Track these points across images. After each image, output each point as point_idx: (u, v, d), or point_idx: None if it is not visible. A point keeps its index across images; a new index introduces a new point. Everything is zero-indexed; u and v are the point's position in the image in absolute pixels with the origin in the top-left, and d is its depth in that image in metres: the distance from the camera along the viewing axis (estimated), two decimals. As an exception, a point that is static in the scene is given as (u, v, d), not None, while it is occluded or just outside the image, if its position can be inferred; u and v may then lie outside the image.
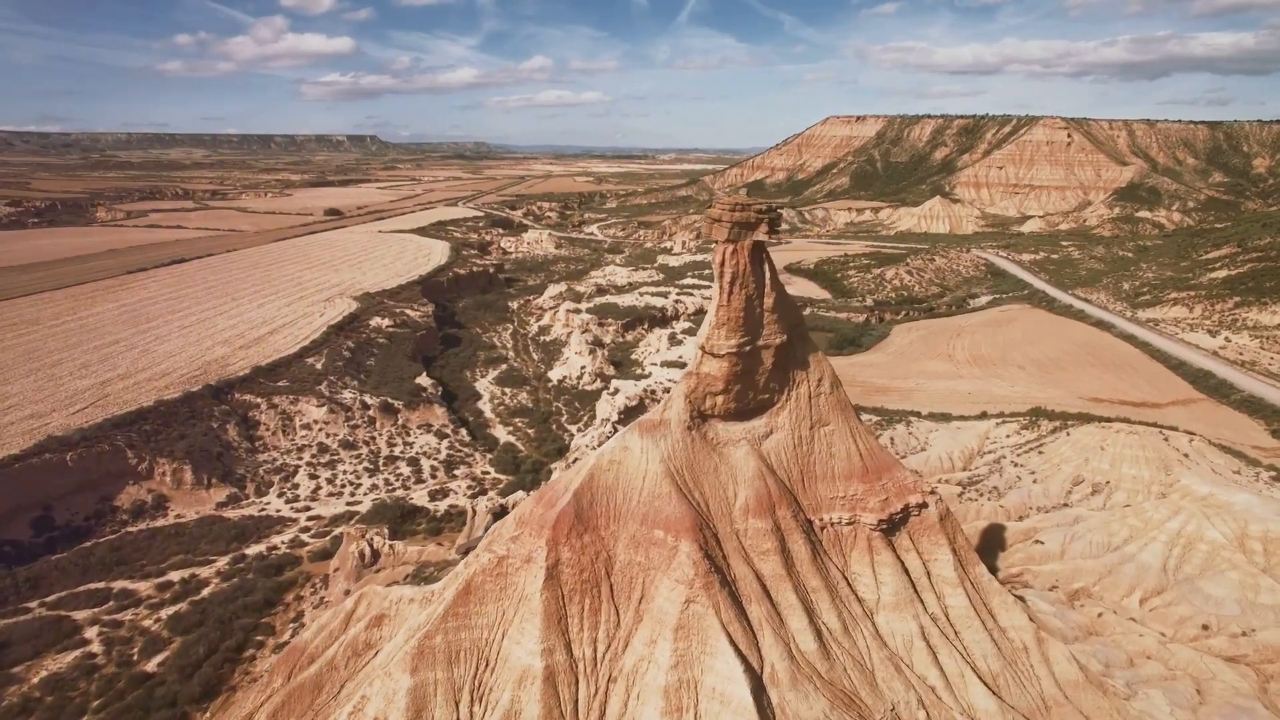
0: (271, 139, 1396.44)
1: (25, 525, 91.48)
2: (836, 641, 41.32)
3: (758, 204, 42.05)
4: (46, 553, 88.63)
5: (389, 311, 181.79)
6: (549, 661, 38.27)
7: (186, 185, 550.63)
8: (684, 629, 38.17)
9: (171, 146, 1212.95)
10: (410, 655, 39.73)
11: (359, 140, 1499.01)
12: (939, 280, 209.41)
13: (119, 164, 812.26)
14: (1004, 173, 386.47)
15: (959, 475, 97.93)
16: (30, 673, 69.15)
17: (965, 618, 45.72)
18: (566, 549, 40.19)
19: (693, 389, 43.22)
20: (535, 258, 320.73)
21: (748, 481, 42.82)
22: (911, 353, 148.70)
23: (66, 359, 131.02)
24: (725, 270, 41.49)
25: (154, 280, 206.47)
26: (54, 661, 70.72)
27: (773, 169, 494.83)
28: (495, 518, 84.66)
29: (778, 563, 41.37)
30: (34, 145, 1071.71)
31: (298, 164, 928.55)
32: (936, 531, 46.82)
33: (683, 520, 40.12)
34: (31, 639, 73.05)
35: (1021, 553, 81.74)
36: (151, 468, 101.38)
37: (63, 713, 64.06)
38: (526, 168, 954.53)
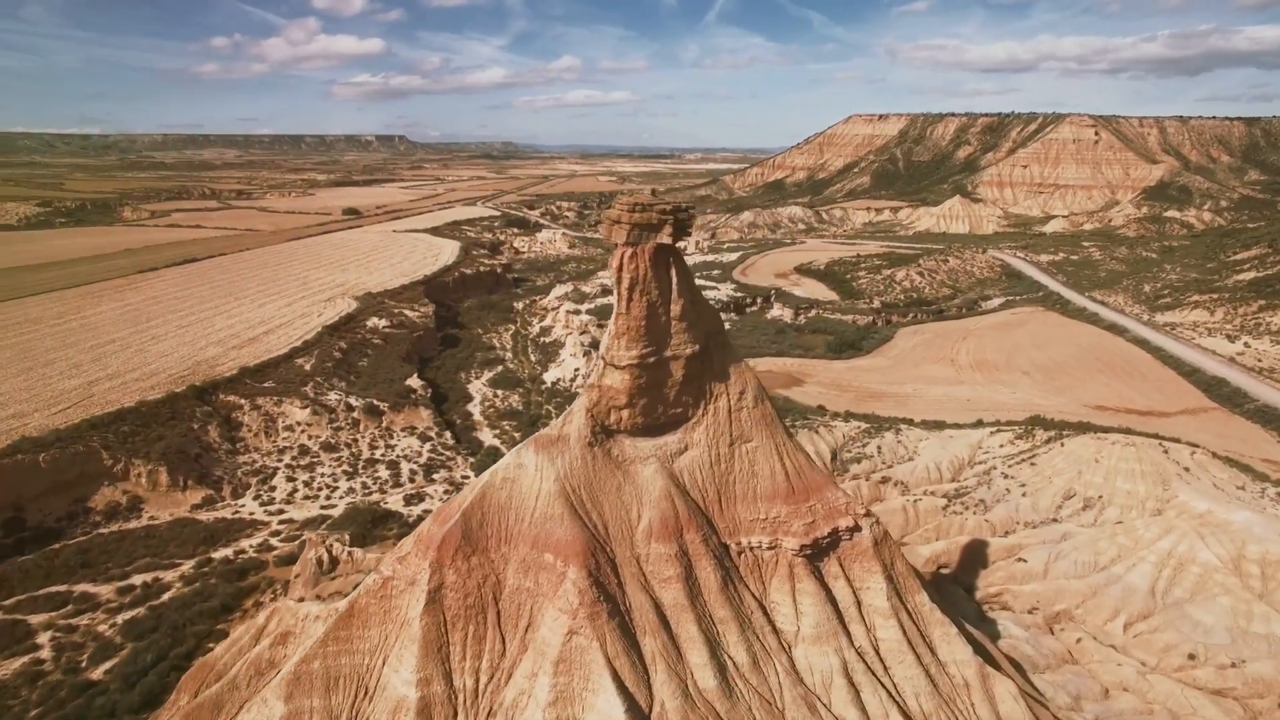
0: (302, 139, 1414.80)
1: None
2: (743, 678, 38.30)
3: (661, 204, 39.14)
4: (15, 554, 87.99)
5: (387, 312, 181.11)
6: (425, 692, 35.83)
7: (214, 185, 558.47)
8: (565, 662, 35.46)
9: (205, 147, 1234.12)
10: (286, 681, 37.55)
11: (388, 140, 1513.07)
12: (951, 282, 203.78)
13: (153, 164, 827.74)
14: (1028, 172, 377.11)
15: (946, 487, 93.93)
16: None
17: (897, 651, 42.40)
18: (451, 572, 37.71)
19: (595, 402, 40.47)
20: (547, 257, 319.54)
21: (653, 502, 39.99)
22: (913, 357, 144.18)
23: (60, 358, 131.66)
24: (623, 276, 38.67)
25: (162, 280, 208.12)
26: (2, 667, 69.67)
27: (793, 168, 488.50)
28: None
29: (680, 591, 38.45)
30: (74, 147, 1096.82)
31: (326, 164, 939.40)
32: (870, 557, 43.55)
33: (573, 544, 37.42)
34: (-14, 644, 72.16)
35: (1003, 571, 77.79)
36: (127, 469, 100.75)
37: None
38: (551, 167, 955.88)
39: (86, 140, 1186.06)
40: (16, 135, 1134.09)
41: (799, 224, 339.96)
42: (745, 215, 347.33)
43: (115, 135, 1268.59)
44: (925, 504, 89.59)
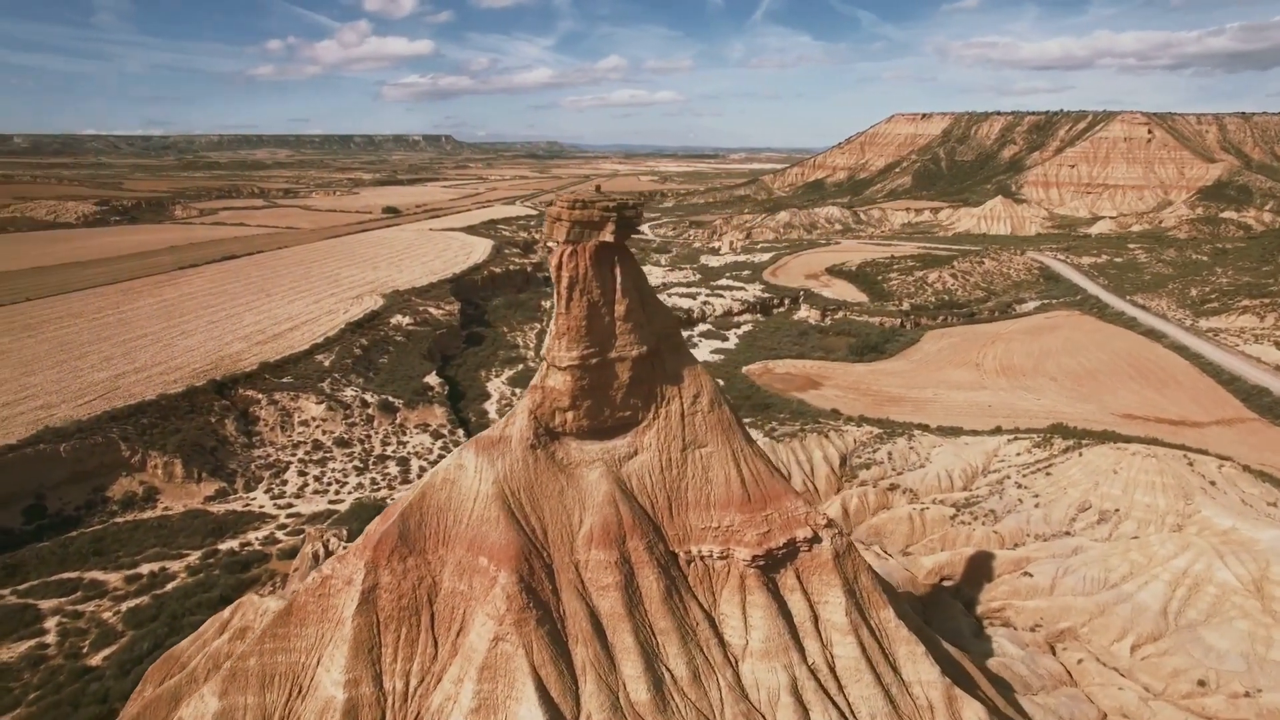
0: (351, 139, 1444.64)
1: (17, 513, 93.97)
2: (681, 692, 37.04)
3: (604, 201, 38.05)
4: (34, 540, 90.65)
5: (412, 310, 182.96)
6: (353, 693, 35.39)
7: (263, 184, 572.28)
8: (490, 669, 34.65)
9: (259, 147, 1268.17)
10: (222, 677, 37.50)
11: (434, 140, 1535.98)
12: (985, 284, 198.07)
13: (208, 164, 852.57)
14: (1075, 171, 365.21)
15: (957, 496, 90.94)
16: None
17: (854, 670, 40.64)
18: (387, 572, 37.22)
19: (537, 404, 39.60)
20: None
21: (596, 507, 38.96)
22: (937, 361, 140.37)
23: (93, 352, 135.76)
24: (563, 275, 37.73)
25: (200, 276, 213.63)
26: (7, 650, 71.54)
27: (834, 168, 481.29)
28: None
29: (618, 600, 37.34)
30: (137, 148, 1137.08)
31: (373, 163, 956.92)
32: (829, 570, 41.86)
33: (506, 548, 36.61)
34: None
35: (1007, 585, 74.89)
36: (144, 460, 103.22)
37: (-3, 703, 64.30)
38: (594, 167, 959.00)
39: (148, 141, 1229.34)
40: (86, 137, 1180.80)
41: (836, 224, 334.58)
42: (781, 215, 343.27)
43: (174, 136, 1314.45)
44: (933, 513, 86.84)
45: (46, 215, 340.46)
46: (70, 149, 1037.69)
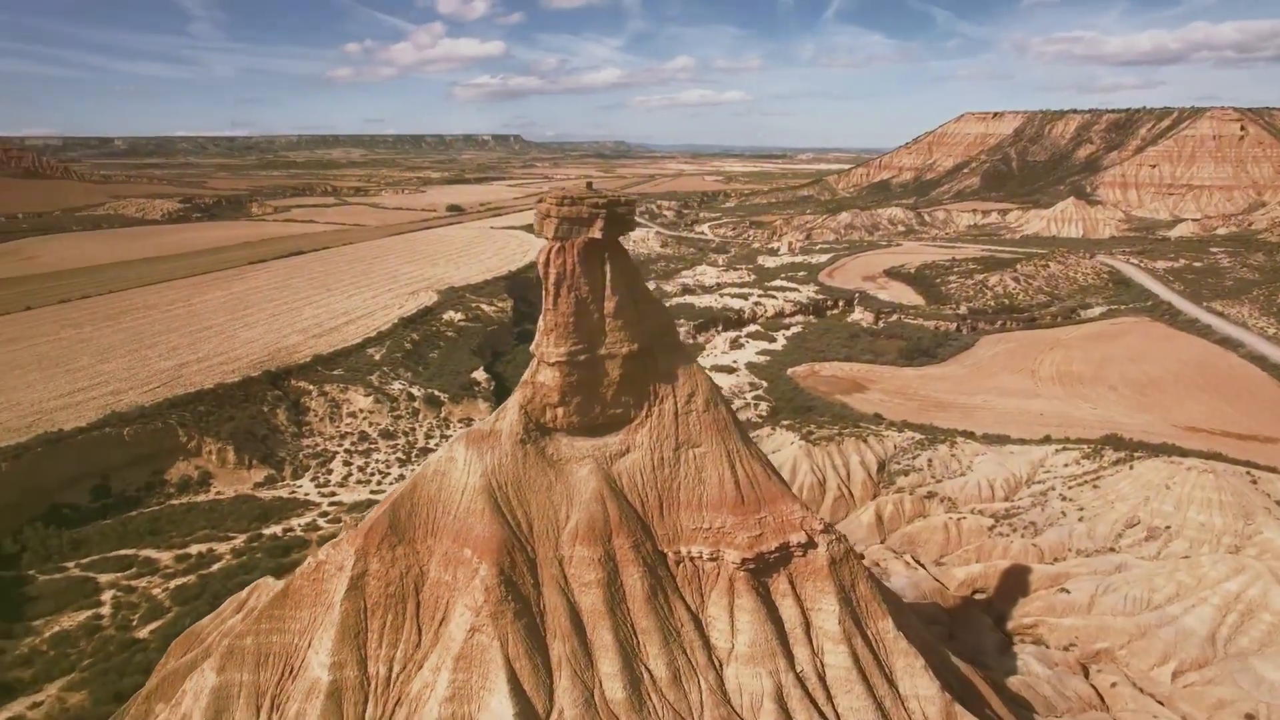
0: (423, 139, 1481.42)
1: (85, 492, 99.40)
2: (660, 692, 36.76)
3: (593, 198, 38.00)
4: (99, 518, 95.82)
5: (465, 306, 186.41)
6: (337, 676, 36.27)
7: (335, 183, 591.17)
8: (466, 659, 35.03)
9: (334, 147, 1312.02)
10: (221, 653, 38.92)
11: (503, 139, 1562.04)
12: (1049, 288, 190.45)
13: (286, 164, 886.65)
14: (1157, 171, 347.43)
15: (997, 506, 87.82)
16: (46, 627, 74.50)
17: (845, 680, 39.62)
18: (376, 560, 38.02)
19: (528, 399, 39.83)
20: (638, 255, 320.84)
21: (583, 504, 38.98)
22: (991, 367, 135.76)
23: (162, 342, 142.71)
24: (550, 271, 37.81)
25: (267, 271, 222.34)
26: (68, 619, 75.75)
27: (900, 168, 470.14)
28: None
29: (600, 597, 37.29)
30: (222, 148, 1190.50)
31: (443, 162, 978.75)
32: (824, 577, 40.90)
33: (489, 541, 36.96)
34: (57, 596, 78.86)
35: (1042, 601, 71.98)
36: (200, 446, 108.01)
37: (56, 667, 68.29)
38: (660, 166, 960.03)
39: (232, 142, 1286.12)
40: (176, 139, 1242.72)
41: (898, 226, 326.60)
42: (843, 216, 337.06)
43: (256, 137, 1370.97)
44: (969, 523, 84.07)
45: (136, 212, 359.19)
46: (163, 150, 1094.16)
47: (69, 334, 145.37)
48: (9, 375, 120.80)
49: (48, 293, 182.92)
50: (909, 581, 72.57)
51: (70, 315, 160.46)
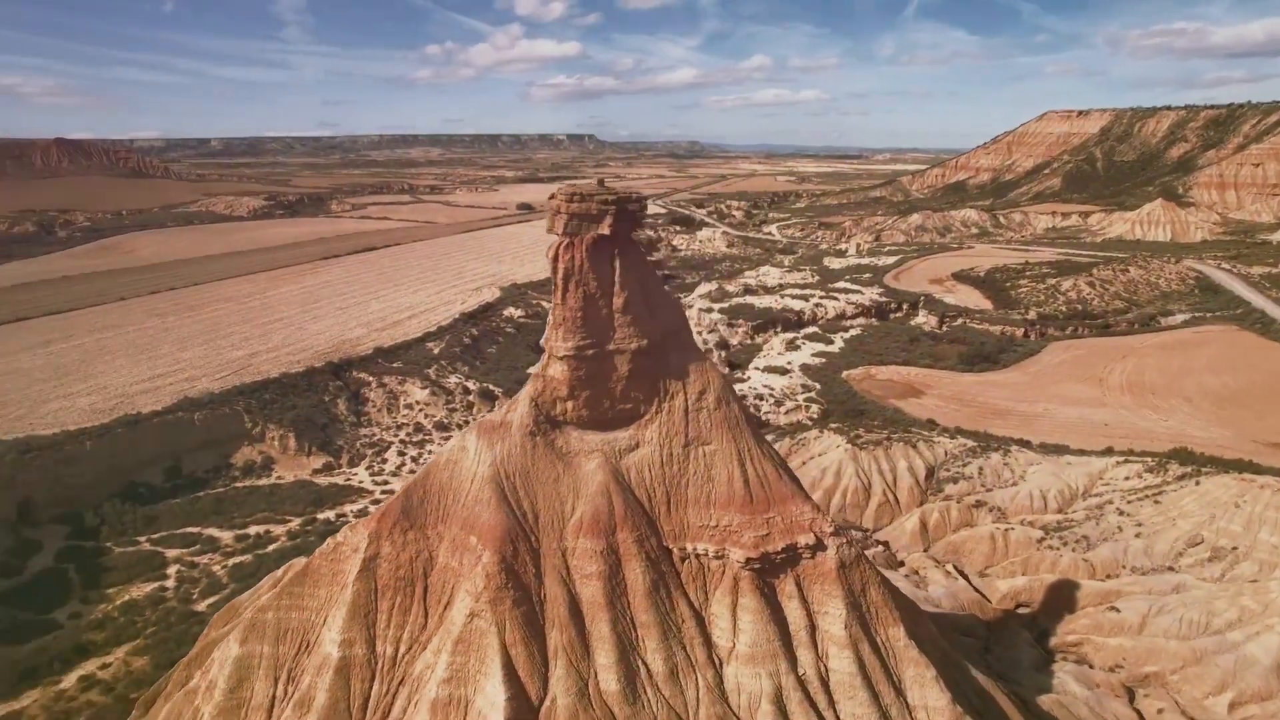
0: (499, 138, 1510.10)
1: (159, 472, 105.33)
2: (655, 687, 36.94)
3: (602, 195, 38.39)
4: (171, 497, 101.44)
5: (526, 302, 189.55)
6: (346, 653, 37.74)
7: (412, 181, 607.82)
8: (464, 643, 35.95)
9: (414, 146, 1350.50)
10: (243, 626, 40.96)
11: (578, 139, 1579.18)
12: (1127, 294, 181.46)
13: (366, 162, 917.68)
14: (1260, 171, 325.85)
15: (1049, 518, 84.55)
16: (118, 595, 79.53)
17: (849, 685, 39.01)
18: (387, 544, 39.38)
19: (539, 391, 40.53)
20: (704, 255, 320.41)
21: (589, 497, 39.48)
22: (1056, 374, 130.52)
23: (236, 332, 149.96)
24: (559, 266, 38.42)
25: (339, 266, 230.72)
26: (137, 589, 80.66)
27: (977, 169, 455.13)
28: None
29: (600, 589, 37.70)
30: (309, 148, 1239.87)
31: (518, 161, 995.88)
32: (831, 580, 40.34)
33: (494, 529, 37.81)
34: (129, 568, 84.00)
35: (1089, 618, 69.05)
36: (264, 432, 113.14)
37: (124, 633, 72.84)
38: (733, 167, 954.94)
39: (318, 141, 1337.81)
40: (266, 139, 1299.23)
41: (972, 228, 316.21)
42: (914, 218, 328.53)
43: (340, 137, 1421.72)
44: (1018, 534, 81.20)
45: (224, 209, 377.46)
46: (254, 149, 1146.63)
47: (154, 323, 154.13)
48: (100, 361, 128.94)
49: (141, 284, 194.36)
50: (947, 591, 70.62)
51: (158, 305, 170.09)
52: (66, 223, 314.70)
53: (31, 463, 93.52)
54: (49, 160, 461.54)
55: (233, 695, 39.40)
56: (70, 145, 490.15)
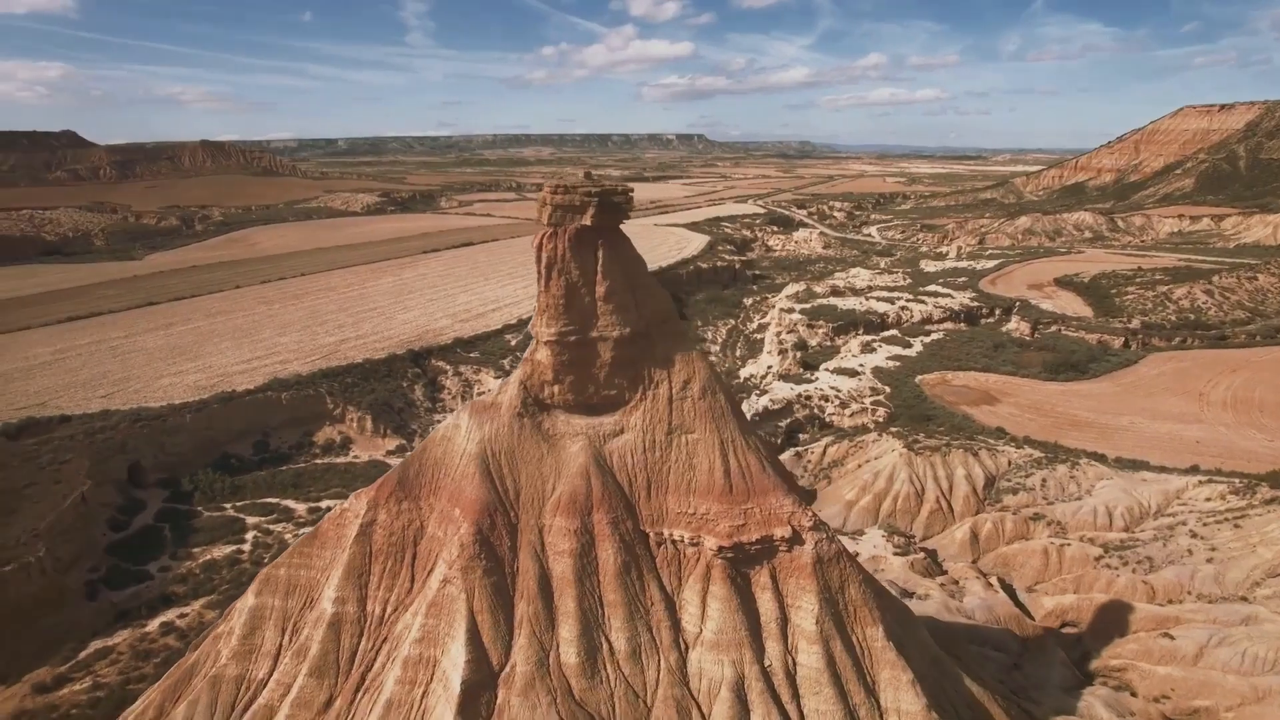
0: (609, 138, 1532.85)
1: (249, 446, 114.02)
2: (616, 664, 38.02)
3: (586, 187, 39.68)
4: (257, 469, 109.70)
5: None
6: (339, 610, 40.70)
7: (520, 179, 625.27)
8: (436, 606, 38.15)
9: (526, 145, 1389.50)
10: (259, 579, 44.74)
11: (687, 139, 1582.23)
12: (1252, 303, 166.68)
13: (480, 161, 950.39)
14: None
15: (1112, 536, 79.85)
16: (201, 554, 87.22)
17: (815, 681, 38.86)
18: (383, 512, 42.13)
19: (528, 375, 42.26)
20: (798, 256, 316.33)
21: (569, 478, 40.94)
22: (1151, 386, 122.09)
23: (331, 320, 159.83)
24: (541, 255, 40.01)
25: (436, 259, 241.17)
26: (218, 550, 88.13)
27: (1099, 170, 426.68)
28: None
29: (570, 566, 39.11)
30: (427, 147, 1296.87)
31: (626, 161, 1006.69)
32: (806, 575, 40.25)
33: (474, 503, 39.85)
34: (213, 530, 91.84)
35: (1138, 644, 65.19)
36: (344, 413, 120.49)
37: (202, 588, 80.00)
38: (842, 168, 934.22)
39: (435, 141, 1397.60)
40: (388, 139, 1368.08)
41: (1085, 232, 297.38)
42: (1022, 221, 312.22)
43: (457, 136, 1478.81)
44: (1074, 550, 77.11)
45: (341, 205, 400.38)
46: (376, 149, 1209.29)
47: (262, 310, 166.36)
48: (209, 343, 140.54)
49: (255, 274, 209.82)
50: (982, 604, 67.93)
51: (266, 294, 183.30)
52: (204, 217, 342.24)
53: (141, 431, 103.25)
54: (195, 161, 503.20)
55: (246, 641, 43.16)
56: (213, 147, 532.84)
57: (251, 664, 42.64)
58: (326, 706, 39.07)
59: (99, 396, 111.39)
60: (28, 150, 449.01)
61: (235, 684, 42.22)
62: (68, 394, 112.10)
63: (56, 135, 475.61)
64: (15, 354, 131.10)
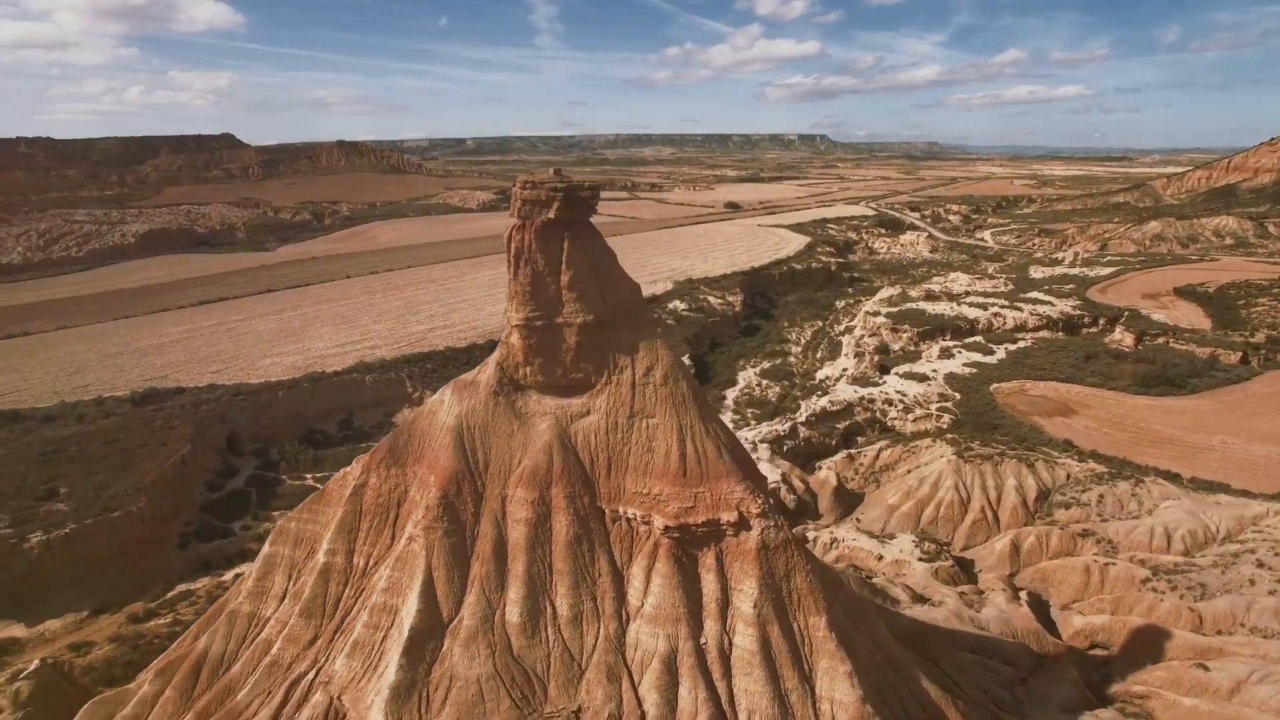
0: (730, 138, 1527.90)
1: (334, 423, 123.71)
2: (558, 628, 40.72)
3: (552, 183, 42.41)
4: (339, 445, 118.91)
5: (693, 296, 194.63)
6: (329, 560, 45.44)
7: (635, 178, 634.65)
8: (401, 561, 42.08)
9: (647, 145, 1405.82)
10: (275, 531, 50.26)
11: (809, 139, 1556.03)
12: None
13: (599, 160, 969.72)
14: None
15: (1166, 559, 75.18)
16: (278, 517, 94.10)
17: (747, 662, 40.16)
18: (374, 475, 46.59)
19: (504, 357, 45.56)
20: (902, 260, 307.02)
21: (534, 453, 43.93)
22: (1260, 405, 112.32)
23: (424, 310, 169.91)
24: (511, 245, 43.08)
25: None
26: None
27: (1255, 170, 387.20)
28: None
29: (524, 534, 42.10)
30: (550, 146, 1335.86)
31: (745, 161, 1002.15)
32: (750, 560, 41.55)
33: (444, 470, 43.55)
34: (292, 497, 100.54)
35: (1168, 672, 61.98)
36: (421, 398, 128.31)
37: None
38: (969, 169, 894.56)
39: (559, 140, 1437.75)
40: (513, 138, 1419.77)
41: (1225, 238, 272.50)
42: (1151, 226, 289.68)
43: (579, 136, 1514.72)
44: (1118, 570, 73.23)
45: (458, 202, 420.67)
46: (501, 148, 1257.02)
47: (364, 299, 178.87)
48: (312, 327, 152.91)
49: (366, 265, 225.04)
50: (999, 615, 65.86)
51: (372, 284, 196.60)
52: (333, 212, 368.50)
53: (240, 404, 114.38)
54: (331, 160, 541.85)
55: (259, 584, 48.70)
56: (348, 146, 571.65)
57: (261, 604, 48.10)
58: (311, 644, 43.84)
59: (211, 372, 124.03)
60: (192, 152, 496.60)
61: (247, 620, 47.77)
62: (186, 369, 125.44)
63: (216, 137, 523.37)
64: (152, 333, 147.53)
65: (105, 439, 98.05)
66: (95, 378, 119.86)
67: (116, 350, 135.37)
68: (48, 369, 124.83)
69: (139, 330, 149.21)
